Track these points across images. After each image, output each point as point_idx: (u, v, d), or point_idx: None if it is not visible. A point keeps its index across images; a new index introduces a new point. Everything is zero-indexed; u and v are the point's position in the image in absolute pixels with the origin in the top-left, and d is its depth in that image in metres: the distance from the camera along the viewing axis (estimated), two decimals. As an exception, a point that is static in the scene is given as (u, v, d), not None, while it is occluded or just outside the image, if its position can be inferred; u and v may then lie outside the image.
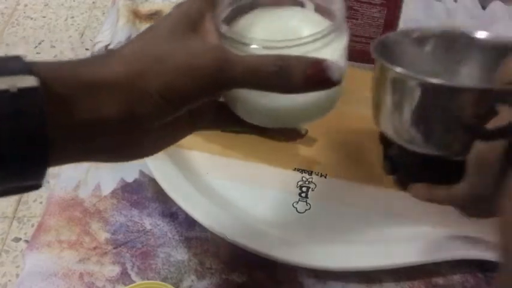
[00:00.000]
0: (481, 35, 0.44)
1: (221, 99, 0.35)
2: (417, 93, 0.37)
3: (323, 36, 0.31)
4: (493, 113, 0.34)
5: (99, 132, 0.28)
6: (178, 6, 0.32)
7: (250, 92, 0.31)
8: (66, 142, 0.27)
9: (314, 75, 0.29)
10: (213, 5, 0.32)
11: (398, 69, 0.37)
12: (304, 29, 0.34)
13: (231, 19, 0.35)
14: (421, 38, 0.46)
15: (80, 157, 0.29)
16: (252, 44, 0.31)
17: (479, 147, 0.34)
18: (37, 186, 0.27)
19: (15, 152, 0.24)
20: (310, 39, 0.31)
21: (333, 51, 0.32)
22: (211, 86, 0.29)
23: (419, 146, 0.38)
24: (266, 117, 0.34)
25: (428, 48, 0.46)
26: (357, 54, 0.57)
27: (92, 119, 0.27)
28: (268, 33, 0.34)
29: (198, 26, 0.31)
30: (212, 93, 0.30)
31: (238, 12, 0.35)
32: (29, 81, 0.25)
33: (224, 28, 0.32)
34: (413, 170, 0.43)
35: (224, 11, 0.34)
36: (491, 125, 0.34)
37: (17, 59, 0.26)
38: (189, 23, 0.31)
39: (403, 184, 0.43)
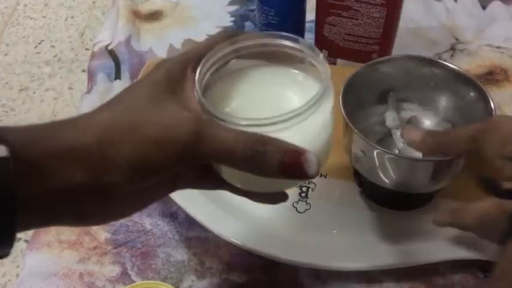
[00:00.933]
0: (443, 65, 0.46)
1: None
2: (373, 156, 0.40)
3: (312, 105, 0.28)
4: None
5: (67, 200, 0.27)
6: (160, 64, 0.31)
7: None
8: (33, 210, 0.27)
9: (290, 166, 0.27)
10: (196, 67, 0.31)
11: (357, 133, 0.40)
12: (289, 93, 0.33)
13: (211, 83, 0.33)
14: (389, 68, 0.47)
15: (46, 223, 0.29)
16: (231, 121, 0.28)
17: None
18: (4, 256, 0.27)
19: None
20: (295, 113, 0.28)
21: (323, 114, 0.30)
22: (183, 158, 0.28)
23: (383, 185, 0.42)
24: (251, 183, 0.33)
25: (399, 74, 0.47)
26: (356, 54, 0.57)
27: (61, 187, 0.27)
28: (249, 103, 0.32)
29: (179, 88, 0.30)
30: (184, 165, 0.29)
31: (219, 76, 0.33)
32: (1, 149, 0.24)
33: (202, 99, 0.29)
34: (382, 199, 0.47)
35: (203, 77, 0.31)
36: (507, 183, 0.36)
37: None
38: (169, 85, 0.30)
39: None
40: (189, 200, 0.46)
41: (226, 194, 0.48)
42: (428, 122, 0.47)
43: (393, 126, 0.46)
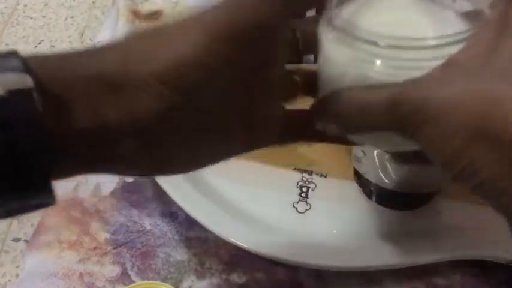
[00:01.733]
0: None
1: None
2: (373, 156, 0.41)
3: (459, 41, 0.25)
4: None
5: (102, 142, 0.24)
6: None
7: None
8: (69, 151, 0.23)
9: None
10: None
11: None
12: (428, 26, 0.28)
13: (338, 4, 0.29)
14: None
15: (88, 168, 0.25)
16: (372, 41, 0.25)
17: None
18: (46, 204, 0.23)
19: (7, 167, 0.21)
20: (454, 38, 0.25)
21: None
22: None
23: (384, 185, 0.42)
24: (390, 143, 0.31)
25: None
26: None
27: (93, 123, 0.23)
28: (385, 27, 0.27)
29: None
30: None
31: None
32: (23, 80, 0.21)
33: (338, 19, 0.26)
34: (382, 199, 0.46)
35: None
36: None
37: (12, 55, 0.22)
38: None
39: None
40: (189, 200, 0.46)
41: (226, 194, 0.48)
42: None
43: None
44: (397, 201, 0.46)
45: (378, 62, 0.26)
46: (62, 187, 0.51)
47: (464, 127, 0.23)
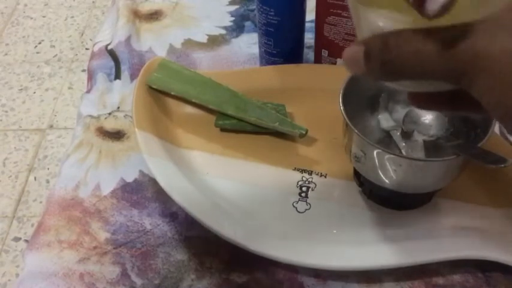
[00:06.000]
0: None
1: None
2: (373, 156, 0.40)
3: None
4: None
5: None
6: None
7: None
8: None
9: None
10: None
11: (357, 133, 0.40)
12: None
13: None
14: None
15: None
16: None
17: None
18: None
19: None
20: None
21: None
22: None
23: (383, 185, 0.42)
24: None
25: None
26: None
27: None
28: None
29: None
30: None
31: None
32: None
33: None
34: (382, 199, 0.47)
35: None
36: None
37: None
38: None
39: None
40: (189, 200, 0.46)
41: (226, 194, 0.48)
42: (427, 115, 0.46)
43: (388, 127, 0.46)
44: (397, 201, 0.46)
45: None
46: (62, 187, 0.51)
47: None
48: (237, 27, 0.69)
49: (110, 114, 0.58)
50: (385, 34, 0.25)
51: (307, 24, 0.58)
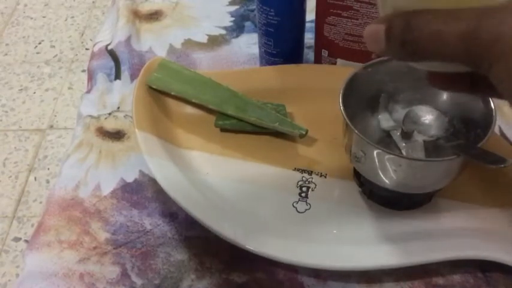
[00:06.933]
0: None
1: None
2: (373, 156, 0.40)
3: None
4: None
5: None
6: None
7: None
8: None
9: None
10: None
11: (357, 133, 0.40)
12: None
13: None
14: (389, 68, 0.46)
15: None
16: None
17: None
18: None
19: None
20: None
21: None
22: None
23: (383, 185, 0.42)
24: None
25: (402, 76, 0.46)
26: (356, 54, 0.57)
27: None
28: None
29: None
30: None
31: None
32: None
33: None
34: (382, 199, 0.47)
35: None
36: None
37: None
38: None
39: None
40: (189, 200, 0.46)
41: (226, 194, 0.48)
42: (427, 116, 0.46)
43: (388, 127, 0.46)
44: (397, 201, 0.46)
45: None
46: (62, 187, 0.51)
47: None
48: (237, 28, 0.69)
49: (110, 114, 0.58)
50: (407, 13, 0.25)
51: (307, 24, 0.58)
